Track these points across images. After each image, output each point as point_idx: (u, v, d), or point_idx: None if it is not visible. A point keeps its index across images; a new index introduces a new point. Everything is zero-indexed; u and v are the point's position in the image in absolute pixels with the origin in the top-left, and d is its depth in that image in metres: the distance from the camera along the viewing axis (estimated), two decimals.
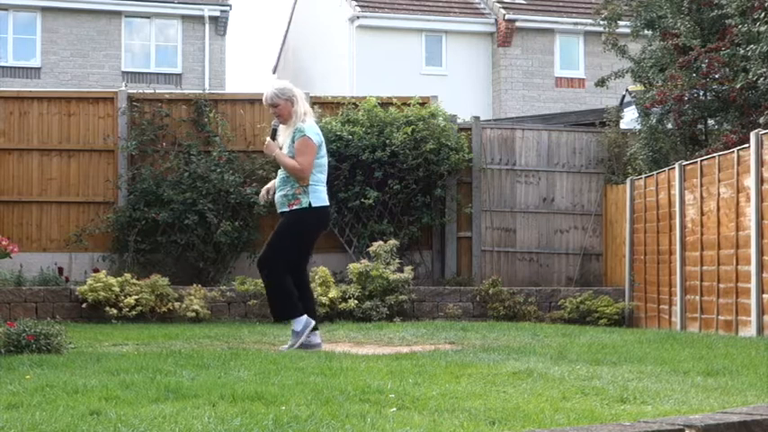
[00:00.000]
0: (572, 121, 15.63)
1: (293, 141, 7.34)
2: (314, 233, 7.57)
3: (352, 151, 12.91)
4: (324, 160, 7.49)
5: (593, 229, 13.95)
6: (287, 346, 7.40)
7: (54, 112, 13.34)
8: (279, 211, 7.55)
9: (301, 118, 7.42)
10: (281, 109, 7.47)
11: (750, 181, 9.18)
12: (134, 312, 11.23)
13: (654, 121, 12.97)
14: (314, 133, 7.42)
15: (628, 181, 12.81)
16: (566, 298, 12.46)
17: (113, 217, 12.85)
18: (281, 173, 7.52)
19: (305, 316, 7.37)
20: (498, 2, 25.85)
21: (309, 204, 7.34)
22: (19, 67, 24.87)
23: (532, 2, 26.32)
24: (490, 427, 3.79)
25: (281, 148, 7.44)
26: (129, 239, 12.67)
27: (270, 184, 7.75)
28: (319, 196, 7.40)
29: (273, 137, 7.54)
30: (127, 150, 13.05)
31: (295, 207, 7.36)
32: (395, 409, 4.15)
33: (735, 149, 9.73)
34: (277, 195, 7.52)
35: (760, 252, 8.94)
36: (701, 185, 10.43)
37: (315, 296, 11.41)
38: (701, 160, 10.56)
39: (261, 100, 13.62)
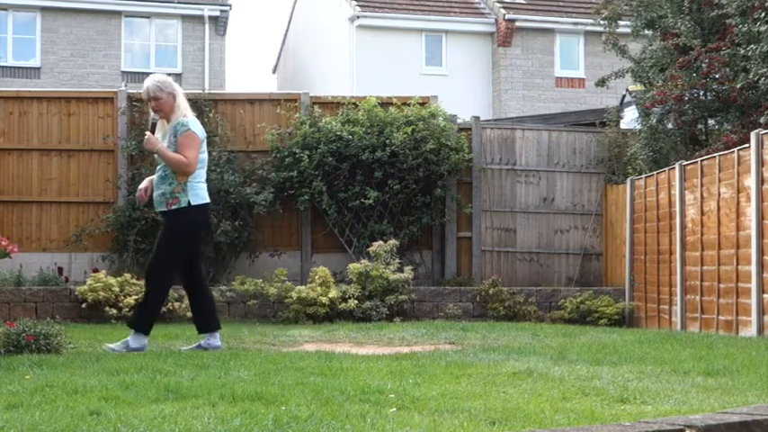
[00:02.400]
0: (572, 121, 15.62)
1: (176, 136, 7.15)
2: (198, 232, 7.42)
3: (352, 151, 12.91)
4: (205, 156, 7.31)
5: (594, 229, 13.94)
6: (114, 346, 7.17)
7: (54, 112, 13.34)
8: (157, 210, 7.40)
9: (183, 113, 7.24)
10: (162, 103, 7.23)
11: (750, 181, 9.18)
12: None
13: (654, 121, 12.97)
14: (198, 128, 7.26)
15: (628, 181, 12.81)
16: (566, 298, 12.46)
17: (113, 217, 12.84)
18: (159, 170, 7.31)
19: (146, 340, 7.21)
20: (498, 2, 25.84)
21: (189, 203, 7.17)
22: (18, 67, 24.86)
23: (532, 2, 26.31)
24: (490, 428, 3.78)
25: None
26: (128, 239, 12.66)
27: (145, 183, 7.54)
28: (198, 194, 7.22)
29: (153, 131, 7.29)
30: (127, 150, 13.05)
31: (174, 207, 7.19)
32: (395, 409, 4.15)
33: (735, 149, 9.72)
34: (155, 194, 7.31)
35: (760, 252, 8.94)
36: (702, 185, 10.42)
37: (315, 296, 11.46)
38: (702, 160, 10.55)
39: (261, 100, 13.81)
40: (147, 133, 7.29)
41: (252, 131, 13.52)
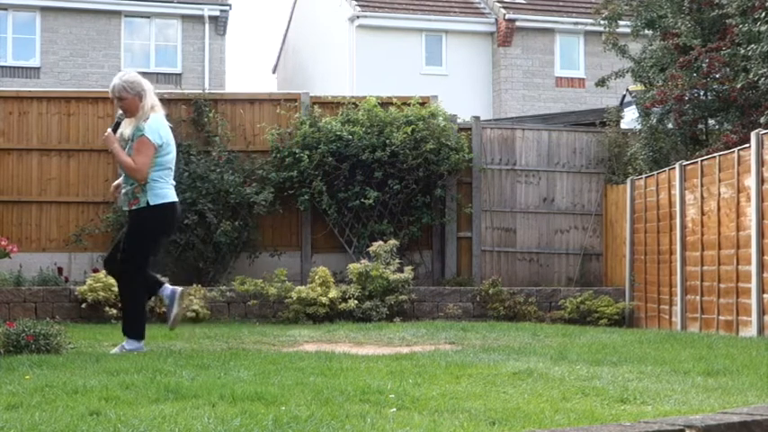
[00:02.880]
0: (572, 120, 15.62)
1: (132, 140, 7.14)
2: (158, 232, 7.36)
3: (352, 151, 12.90)
4: (168, 158, 7.24)
5: (594, 229, 13.94)
6: (116, 350, 7.14)
7: (53, 112, 13.33)
8: (123, 209, 7.43)
9: (147, 114, 7.17)
10: (127, 103, 7.19)
11: (750, 181, 9.18)
12: None
13: (654, 120, 12.97)
14: (154, 133, 7.15)
15: (628, 181, 12.80)
16: (566, 298, 12.46)
17: (113, 217, 12.83)
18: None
19: (142, 342, 7.20)
20: (498, 1, 25.84)
21: (147, 203, 7.14)
22: (18, 67, 24.85)
23: (533, 1, 26.31)
24: (490, 428, 3.78)
25: (127, 141, 7.19)
26: None
27: (119, 180, 7.55)
28: (159, 193, 7.16)
29: (115, 129, 7.27)
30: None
31: (134, 207, 7.19)
32: (395, 409, 4.14)
33: (735, 149, 9.72)
34: (121, 193, 7.35)
35: (760, 252, 8.94)
36: (702, 185, 10.42)
37: (315, 296, 11.45)
38: (702, 160, 10.55)
39: (261, 100, 13.81)
40: (108, 130, 7.29)
41: (252, 131, 13.52)
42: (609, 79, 13.99)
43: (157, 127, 7.21)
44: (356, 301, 11.62)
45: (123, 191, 7.30)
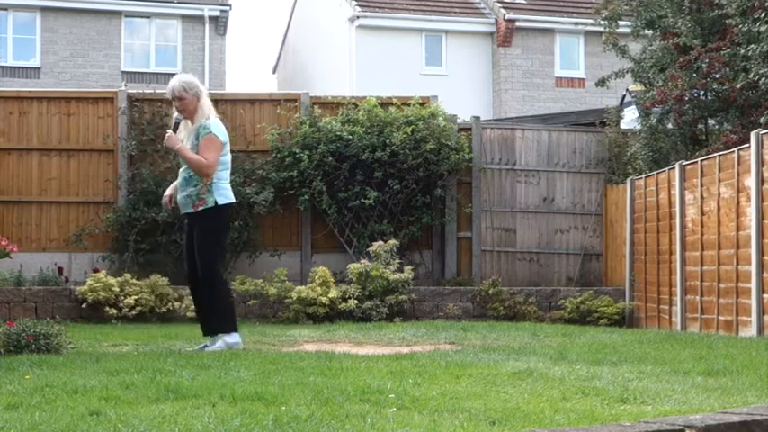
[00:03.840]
0: (572, 121, 15.62)
1: (197, 138, 7.17)
2: (226, 230, 7.47)
3: (352, 151, 12.91)
4: (228, 158, 7.33)
5: (594, 229, 13.94)
6: (214, 346, 7.20)
7: (54, 112, 13.34)
8: (182, 212, 7.40)
9: (206, 114, 7.25)
10: (186, 103, 7.27)
11: (750, 181, 9.18)
12: (134, 312, 11.23)
13: (654, 121, 12.97)
14: (220, 131, 7.26)
15: (628, 181, 12.80)
16: (566, 298, 12.46)
17: (113, 217, 12.84)
18: (182, 173, 7.34)
19: (238, 335, 7.33)
20: (498, 2, 25.84)
21: (215, 203, 7.20)
22: (18, 67, 24.85)
23: (533, 2, 26.31)
24: (490, 427, 3.78)
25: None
26: (128, 239, 12.66)
27: (170, 190, 7.57)
28: (224, 193, 7.26)
29: (175, 130, 7.32)
30: (126, 150, 13.05)
31: (201, 208, 7.20)
32: (395, 409, 4.14)
33: (735, 149, 9.72)
34: (180, 196, 7.33)
35: (760, 252, 8.94)
36: (702, 185, 10.42)
37: (315, 296, 11.47)
38: (702, 160, 10.55)
39: (261, 100, 13.80)
40: (169, 131, 7.31)
41: (252, 131, 13.52)
42: (609, 79, 13.99)
43: (221, 126, 7.34)
44: (356, 301, 11.62)
45: (184, 194, 7.27)
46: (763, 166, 9.01)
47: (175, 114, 7.42)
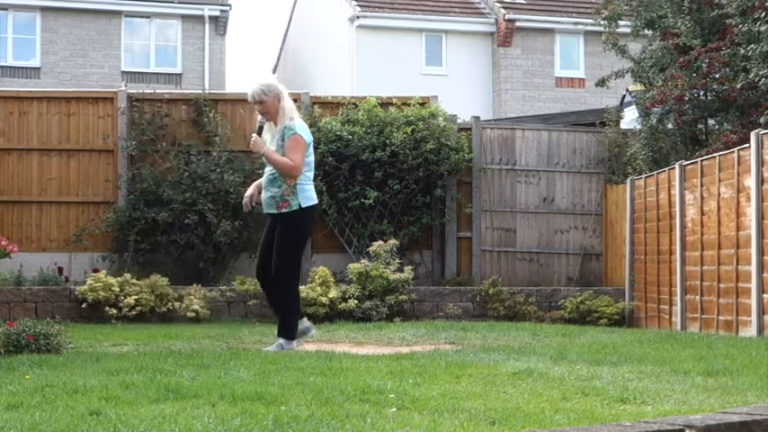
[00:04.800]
0: (572, 121, 15.62)
1: (283, 139, 7.22)
2: (308, 233, 7.54)
3: (352, 151, 12.91)
4: (312, 158, 7.39)
5: (594, 229, 13.95)
6: (273, 347, 7.34)
7: (54, 112, 13.34)
8: (266, 211, 7.43)
9: (289, 115, 7.30)
10: (267, 106, 7.31)
11: (750, 181, 9.18)
12: (134, 312, 11.23)
13: (654, 121, 12.97)
14: (304, 131, 7.33)
15: (628, 181, 12.80)
16: (566, 298, 12.46)
17: (113, 217, 12.84)
18: (267, 172, 7.38)
19: (296, 342, 7.39)
20: (498, 2, 25.83)
21: (299, 206, 7.24)
22: (18, 67, 24.85)
23: (532, 2, 26.30)
24: (490, 428, 3.78)
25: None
26: (128, 239, 12.66)
27: (251, 191, 7.62)
28: (308, 195, 7.30)
29: (260, 133, 7.38)
30: (127, 150, 13.05)
31: (285, 210, 7.25)
32: (395, 409, 4.14)
33: (735, 149, 9.72)
34: (264, 195, 7.38)
35: (760, 252, 8.94)
36: (702, 185, 10.42)
37: (315, 296, 11.47)
38: (702, 160, 10.55)
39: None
40: (254, 135, 7.36)
41: (252, 131, 13.49)
42: (609, 79, 13.99)
43: (305, 126, 7.41)
44: (356, 301, 11.62)
45: (269, 194, 7.31)
46: (763, 166, 9.01)
47: (258, 118, 7.50)
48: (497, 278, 12.70)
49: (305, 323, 7.59)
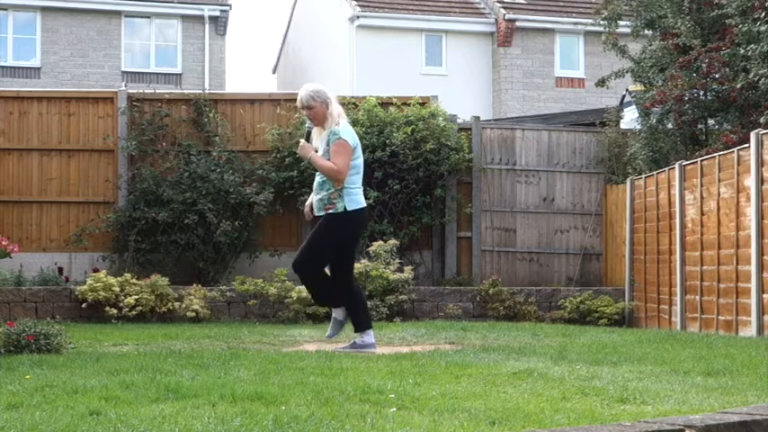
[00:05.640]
0: (572, 120, 15.62)
1: (328, 144, 7.27)
2: (352, 237, 7.49)
3: None
4: (359, 161, 7.43)
5: (594, 229, 13.95)
6: (344, 346, 7.47)
7: (54, 112, 13.34)
8: (317, 214, 7.49)
9: (336, 120, 7.36)
10: (315, 111, 7.37)
11: (750, 181, 9.18)
12: (134, 312, 11.23)
13: (654, 121, 12.97)
14: (349, 135, 7.37)
15: (628, 181, 12.81)
16: (566, 298, 12.46)
17: (113, 217, 12.84)
18: (318, 177, 7.46)
19: (372, 332, 7.45)
20: (498, 2, 25.83)
21: (345, 209, 7.27)
22: (19, 67, 24.86)
23: (532, 2, 26.31)
24: (490, 428, 3.78)
25: (316, 151, 7.38)
26: (128, 239, 12.67)
27: (310, 199, 7.67)
28: (354, 199, 7.32)
29: (308, 139, 7.45)
30: (127, 150, 13.05)
31: (330, 211, 7.30)
32: (395, 409, 4.15)
33: (735, 149, 9.73)
34: (315, 199, 7.47)
35: (760, 252, 8.94)
36: (701, 185, 10.42)
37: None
38: (701, 160, 10.55)
39: (261, 100, 13.79)
40: (302, 141, 7.44)
41: (252, 131, 13.52)
42: (609, 79, 13.99)
43: (351, 130, 7.46)
44: None
45: (318, 197, 7.38)
46: (762, 166, 9.01)
47: (307, 123, 7.55)
48: (497, 278, 12.70)
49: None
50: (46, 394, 4.54)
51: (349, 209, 7.27)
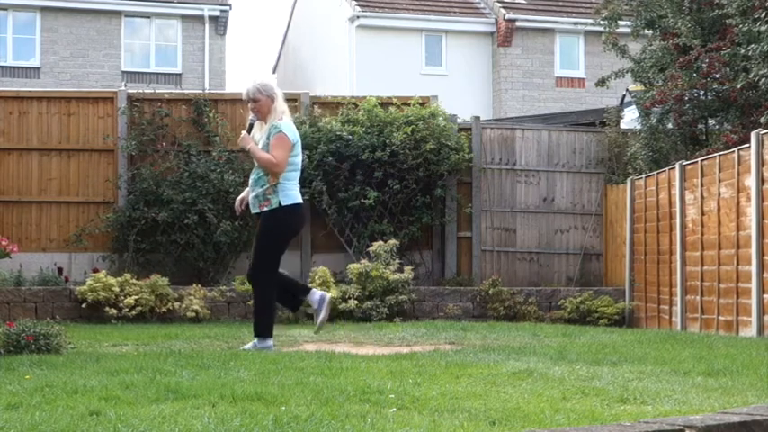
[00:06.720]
0: (572, 120, 15.62)
1: (268, 138, 7.31)
2: (288, 233, 7.51)
3: (352, 151, 12.91)
4: (297, 159, 7.44)
5: (594, 229, 13.94)
6: (248, 346, 7.41)
7: (54, 112, 13.34)
8: (252, 212, 7.53)
9: (279, 116, 7.39)
10: (260, 105, 7.41)
11: (750, 181, 9.18)
12: (134, 312, 11.23)
13: (654, 120, 12.97)
14: (290, 131, 7.39)
15: (628, 181, 12.80)
16: (566, 298, 12.46)
17: (113, 217, 12.84)
18: (253, 173, 7.48)
19: (272, 341, 7.45)
20: (498, 1, 25.83)
21: (279, 204, 7.29)
22: (18, 67, 24.85)
23: (532, 2, 26.31)
24: (490, 428, 3.78)
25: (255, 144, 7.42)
26: (128, 239, 12.66)
27: (243, 194, 7.74)
28: (289, 194, 7.34)
29: (249, 131, 7.49)
30: (127, 150, 13.05)
31: (266, 208, 7.32)
32: (395, 409, 4.14)
33: (735, 149, 9.73)
34: (250, 197, 7.48)
35: (760, 252, 8.94)
36: (702, 185, 10.42)
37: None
38: (702, 160, 10.55)
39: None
40: (243, 132, 7.49)
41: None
42: (609, 79, 13.99)
43: (292, 127, 7.48)
44: (356, 301, 11.62)
45: (253, 194, 7.41)
46: (763, 166, 9.01)
47: (250, 116, 7.59)
48: (497, 278, 12.70)
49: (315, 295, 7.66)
50: (46, 394, 4.54)
51: (284, 203, 7.30)
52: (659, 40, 13.18)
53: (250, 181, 7.51)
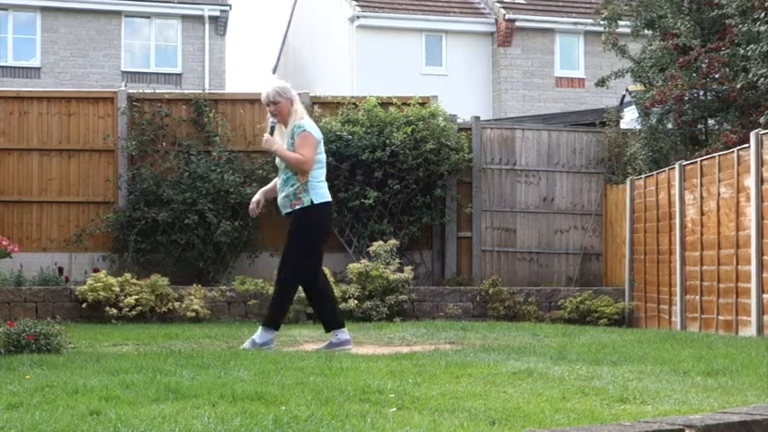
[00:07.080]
0: (572, 120, 15.62)
1: (293, 138, 7.36)
2: (322, 231, 7.55)
3: (352, 151, 12.91)
4: (323, 156, 7.50)
5: (593, 229, 13.95)
6: (245, 344, 7.43)
7: (54, 112, 13.34)
8: (283, 213, 7.55)
9: (300, 116, 7.47)
10: (281, 107, 7.48)
11: (750, 181, 9.18)
12: (134, 312, 11.24)
13: (654, 120, 12.97)
14: (314, 129, 7.47)
15: (628, 181, 12.81)
16: (566, 298, 12.46)
17: (113, 217, 12.85)
18: (281, 174, 7.52)
19: (274, 334, 7.46)
20: (498, 2, 25.84)
21: (311, 202, 7.34)
22: (19, 67, 24.86)
23: (532, 2, 26.31)
24: (490, 427, 3.78)
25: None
26: (129, 239, 12.67)
27: (257, 197, 7.77)
28: (319, 192, 7.39)
29: (271, 134, 7.54)
30: (127, 150, 13.05)
31: (297, 207, 7.36)
32: (395, 409, 4.15)
33: (735, 149, 9.73)
34: (279, 197, 7.52)
35: (760, 252, 8.94)
36: (701, 185, 10.43)
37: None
38: (701, 160, 10.55)
39: (261, 100, 13.76)
40: (266, 134, 7.54)
41: (252, 131, 13.51)
42: (609, 79, 14.00)
43: (314, 125, 7.56)
44: (356, 301, 11.62)
45: (283, 194, 7.44)
46: (762, 166, 9.01)
47: (270, 119, 7.62)
48: (497, 278, 12.70)
49: (344, 334, 7.57)
50: (46, 394, 4.54)
51: (316, 202, 7.35)
52: (659, 40, 13.19)
53: (278, 183, 7.54)
